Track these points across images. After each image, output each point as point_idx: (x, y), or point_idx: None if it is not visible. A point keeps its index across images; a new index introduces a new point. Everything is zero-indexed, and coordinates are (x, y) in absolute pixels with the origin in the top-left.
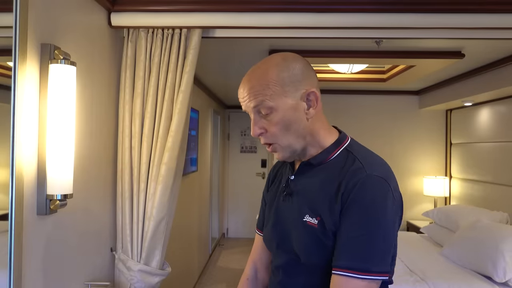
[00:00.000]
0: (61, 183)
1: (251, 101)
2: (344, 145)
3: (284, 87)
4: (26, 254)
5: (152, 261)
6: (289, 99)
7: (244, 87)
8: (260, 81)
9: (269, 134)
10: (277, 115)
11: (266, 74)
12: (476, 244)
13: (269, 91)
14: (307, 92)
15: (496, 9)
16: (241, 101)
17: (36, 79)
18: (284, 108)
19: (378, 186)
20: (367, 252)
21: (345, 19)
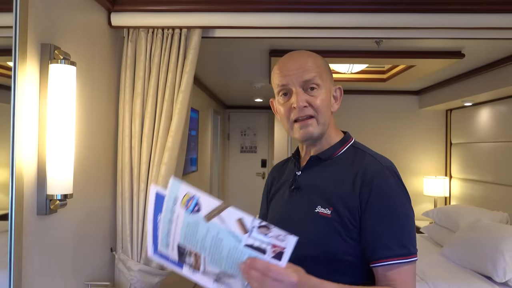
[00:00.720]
0: (61, 183)
1: (303, 74)
2: (350, 143)
3: (327, 73)
4: (26, 254)
5: (152, 261)
6: (329, 85)
7: (294, 61)
8: (318, 60)
9: (312, 107)
10: (322, 93)
11: (316, 57)
12: (476, 244)
13: (319, 70)
14: (335, 88)
15: (496, 9)
16: (287, 75)
17: (36, 79)
18: (326, 90)
19: (394, 175)
20: (406, 236)
21: (345, 19)
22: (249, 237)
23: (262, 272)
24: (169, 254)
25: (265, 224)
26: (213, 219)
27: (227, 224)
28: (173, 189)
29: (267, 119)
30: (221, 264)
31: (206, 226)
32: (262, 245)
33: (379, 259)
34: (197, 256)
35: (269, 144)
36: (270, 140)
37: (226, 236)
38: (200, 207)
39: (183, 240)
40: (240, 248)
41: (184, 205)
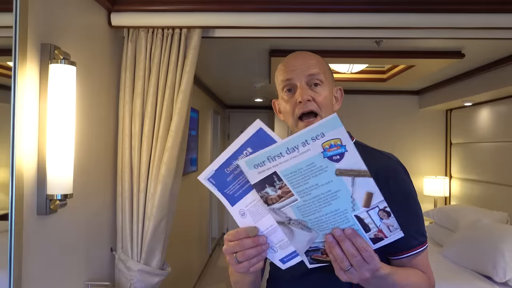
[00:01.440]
0: (61, 183)
1: (308, 70)
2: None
3: (329, 73)
4: (26, 254)
5: (152, 261)
6: (330, 84)
7: (299, 58)
8: (316, 59)
9: (316, 103)
10: (325, 90)
11: (319, 57)
12: (476, 244)
13: (322, 68)
14: (337, 88)
15: (496, 9)
16: (291, 70)
17: (36, 79)
18: (329, 88)
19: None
20: (422, 225)
21: (345, 19)
22: (365, 212)
23: (358, 247)
24: (247, 172)
25: (388, 210)
26: (345, 177)
27: (355, 189)
28: (329, 125)
29: (267, 119)
30: (311, 216)
31: (331, 177)
32: (371, 225)
33: (405, 250)
34: (286, 194)
35: None
36: None
37: (345, 198)
38: (341, 159)
39: (287, 174)
40: (349, 215)
41: (325, 147)
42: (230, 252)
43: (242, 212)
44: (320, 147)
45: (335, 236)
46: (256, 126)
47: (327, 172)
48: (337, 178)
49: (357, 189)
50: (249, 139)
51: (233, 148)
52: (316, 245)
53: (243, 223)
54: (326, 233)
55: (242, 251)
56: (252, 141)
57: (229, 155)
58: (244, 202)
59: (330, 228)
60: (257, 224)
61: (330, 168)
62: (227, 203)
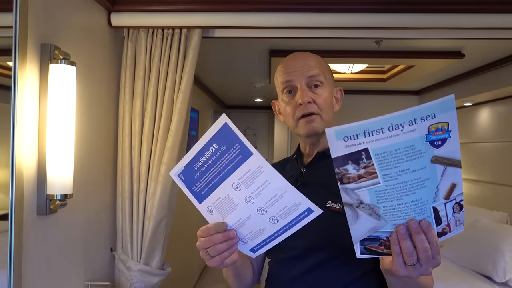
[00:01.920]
0: (61, 183)
1: (308, 71)
2: None
3: (329, 74)
4: (26, 254)
5: (152, 261)
6: (332, 85)
7: (298, 59)
8: (316, 60)
9: (316, 105)
10: (325, 91)
11: (319, 58)
12: (476, 244)
13: (323, 69)
14: (337, 89)
15: (496, 9)
16: (291, 72)
17: (36, 79)
18: (329, 88)
19: None
20: None
21: (345, 19)
22: (443, 204)
23: (430, 241)
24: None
25: (462, 203)
26: (439, 165)
27: (443, 179)
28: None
29: (267, 119)
30: (388, 203)
31: (426, 164)
32: (443, 218)
33: None
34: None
35: (269, 144)
36: (270, 140)
37: (430, 188)
38: (442, 146)
39: (380, 152)
40: (428, 206)
41: (431, 130)
42: (202, 248)
43: (209, 209)
44: (426, 129)
45: (411, 228)
46: (222, 122)
47: (423, 157)
48: (431, 166)
49: (444, 179)
50: (215, 135)
51: (200, 144)
52: (378, 234)
53: (211, 219)
54: (397, 223)
55: (212, 246)
56: (218, 137)
57: (197, 151)
58: (211, 199)
59: (404, 218)
60: (226, 219)
61: (428, 154)
62: (195, 201)
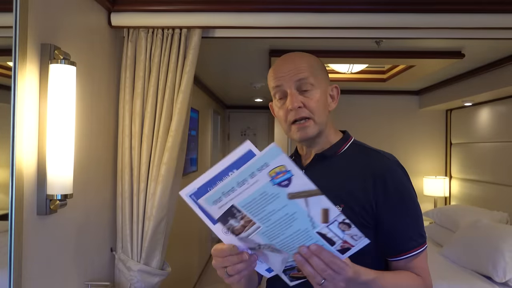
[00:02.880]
0: (61, 183)
1: (296, 74)
2: (351, 140)
3: (322, 73)
4: (26, 254)
5: (152, 261)
6: (324, 85)
7: (287, 63)
8: (311, 61)
9: (307, 109)
10: (317, 93)
11: (309, 58)
12: (476, 244)
13: (316, 71)
14: (332, 87)
15: (496, 9)
16: (280, 77)
17: (36, 79)
18: (321, 89)
19: (402, 169)
20: (421, 225)
21: (345, 19)
22: (326, 227)
23: (326, 262)
24: (208, 209)
25: (348, 222)
26: (298, 199)
27: (310, 208)
28: (270, 155)
29: (267, 119)
30: (277, 239)
31: (285, 202)
32: (334, 238)
33: (403, 251)
34: (248, 223)
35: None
36: (270, 140)
37: (302, 218)
38: (290, 184)
39: (243, 205)
40: (311, 233)
41: (272, 175)
42: (220, 267)
43: (224, 230)
44: (267, 176)
45: (302, 254)
46: (246, 148)
47: (279, 197)
48: (291, 201)
49: (312, 208)
50: (237, 160)
51: (219, 168)
52: (290, 264)
53: (226, 239)
54: (294, 253)
55: (231, 266)
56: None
57: (214, 174)
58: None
59: (296, 247)
60: None
61: (281, 194)
62: (208, 222)
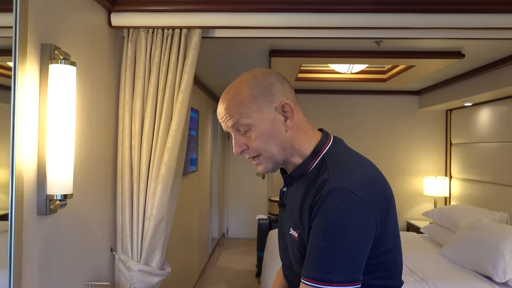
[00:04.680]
0: (61, 183)
1: (228, 120)
2: (321, 154)
3: (257, 102)
4: (26, 254)
5: (152, 261)
6: (264, 114)
7: (220, 108)
8: (234, 100)
9: (251, 149)
10: (255, 131)
11: (238, 93)
12: (476, 244)
13: (243, 109)
14: (281, 104)
15: (496, 9)
16: (220, 122)
17: (36, 79)
18: (261, 123)
19: (340, 197)
20: (328, 263)
21: (345, 19)
22: None
23: None
24: None
25: None
26: None
27: None
28: None
29: None
30: None
31: None
32: None
33: (301, 275)
34: None
35: None
36: None
37: None
38: None
39: None
40: None
41: None
42: None
43: None
44: None
45: None
46: None
47: None
48: None
49: None
50: None
51: None
52: None
53: None
54: None
55: None
56: None
57: None
58: None
59: None
60: None
61: None
62: None
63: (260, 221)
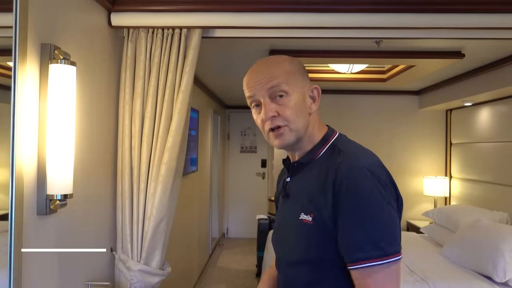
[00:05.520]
0: (61, 183)
1: (268, 82)
2: (330, 141)
3: (296, 76)
4: (26, 254)
5: (152, 261)
6: (300, 88)
7: (258, 72)
8: (276, 67)
9: (281, 117)
10: (291, 100)
11: (281, 63)
12: (476, 244)
13: (285, 76)
14: (312, 88)
15: (496, 9)
16: (252, 86)
17: (36, 79)
18: (296, 95)
19: (367, 174)
20: (376, 237)
21: (345, 19)
22: None
23: None
24: None
25: None
26: None
27: None
28: None
29: None
30: None
31: None
32: None
33: (350, 262)
34: None
35: (269, 144)
36: None
37: None
38: None
39: None
40: None
41: None
42: None
43: None
44: None
45: None
46: None
47: None
48: None
49: None
50: None
51: None
52: None
53: None
54: None
55: None
56: None
57: None
58: None
59: None
60: None
61: None
62: None
63: (260, 221)
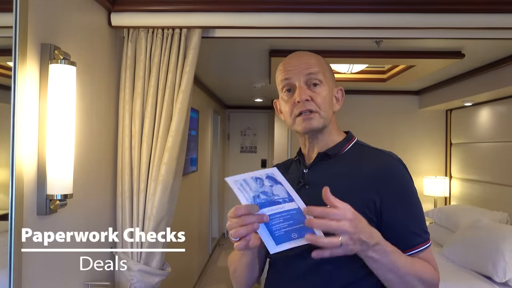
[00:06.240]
0: (61, 183)
1: (306, 69)
2: (354, 140)
3: (329, 73)
4: (26, 254)
5: (152, 261)
6: (330, 84)
7: (298, 57)
8: (316, 58)
9: (315, 103)
10: (324, 90)
11: (320, 57)
12: (476, 244)
13: (322, 68)
14: (337, 89)
15: (496, 9)
16: (290, 70)
17: (36, 79)
18: (328, 88)
19: (405, 167)
20: (424, 222)
21: (345, 19)
22: None
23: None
24: None
25: None
26: None
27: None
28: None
29: (267, 119)
30: None
31: None
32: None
33: (409, 248)
34: None
35: (269, 144)
36: (270, 140)
37: None
38: None
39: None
40: None
41: None
42: (234, 227)
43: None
44: None
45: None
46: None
47: None
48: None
49: None
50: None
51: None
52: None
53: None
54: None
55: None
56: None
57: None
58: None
59: None
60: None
61: None
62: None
63: None
